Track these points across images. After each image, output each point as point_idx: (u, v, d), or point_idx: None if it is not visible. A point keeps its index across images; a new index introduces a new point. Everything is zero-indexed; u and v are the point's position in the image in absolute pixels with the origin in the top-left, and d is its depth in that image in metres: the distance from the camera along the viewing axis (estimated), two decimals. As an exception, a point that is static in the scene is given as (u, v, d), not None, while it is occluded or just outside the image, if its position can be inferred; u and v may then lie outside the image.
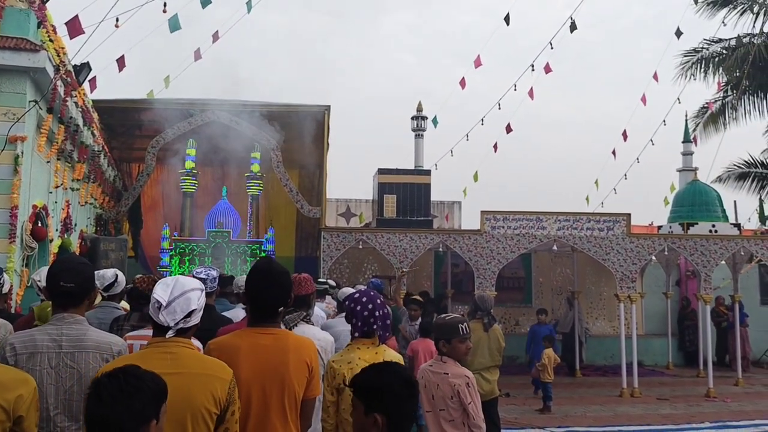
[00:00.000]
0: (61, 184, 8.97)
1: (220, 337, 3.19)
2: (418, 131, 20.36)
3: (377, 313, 3.65)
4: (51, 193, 8.59)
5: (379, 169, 13.98)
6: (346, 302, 3.80)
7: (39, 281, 4.61)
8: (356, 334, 3.70)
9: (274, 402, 2.97)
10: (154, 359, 2.56)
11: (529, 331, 11.57)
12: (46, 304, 3.80)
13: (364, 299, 3.68)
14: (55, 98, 7.69)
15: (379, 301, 3.71)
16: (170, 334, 2.64)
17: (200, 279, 5.21)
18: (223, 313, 5.46)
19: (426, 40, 72.73)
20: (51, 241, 8.39)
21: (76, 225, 10.18)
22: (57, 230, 8.90)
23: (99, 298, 4.75)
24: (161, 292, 2.66)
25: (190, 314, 2.67)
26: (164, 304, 2.64)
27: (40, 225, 7.76)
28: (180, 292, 2.67)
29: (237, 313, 5.34)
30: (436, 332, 4.34)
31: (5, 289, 4.72)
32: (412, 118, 20.48)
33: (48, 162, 8.36)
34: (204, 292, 2.79)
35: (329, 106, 13.07)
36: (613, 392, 11.52)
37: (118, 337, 3.17)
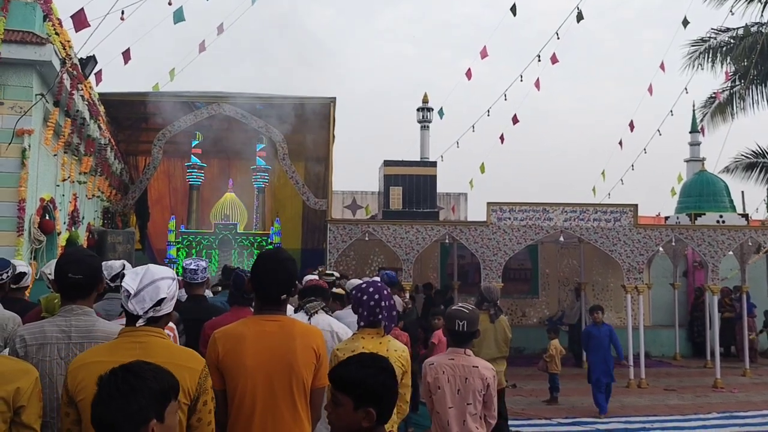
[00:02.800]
0: (68, 177, 9.00)
1: (227, 325, 3.16)
2: (424, 123, 20.32)
3: (383, 304, 3.66)
4: (58, 186, 8.62)
5: (385, 161, 13.98)
6: (353, 292, 3.82)
7: (49, 274, 4.64)
8: (361, 324, 3.71)
9: (282, 390, 2.93)
10: (123, 349, 2.56)
11: (583, 334, 10.13)
12: (53, 296, 3.81)
13: (371, 289, 3.69)
14: (61, 91, 7.71)
15: (385, 291, 3.71)
16: (140, 322, 2.63)
17: (191, 269, 5.22)
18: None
19: (427, 32, 72.58)
20: (59, 234, 8.43)
21: (83, 218, 10.22)
22: (65, 223, 8.94)
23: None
24: (130, 281, 2.65)
25: (159, 303, 2.64)
26: (133, 293, 2.62)
27: (47, 218, 7.79)
28: (149, 281, 2.65)
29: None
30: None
31: (25, 283, 4.82)
32: (418, 110, 20.44)
33: (55, 155, 8.39)
34: (176, 281, 2.76)
35: (334, 98, 13.06)
36: (621, 383, 11.48)
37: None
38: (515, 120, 16.46)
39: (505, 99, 15.89)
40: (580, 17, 14.46)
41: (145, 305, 2.62)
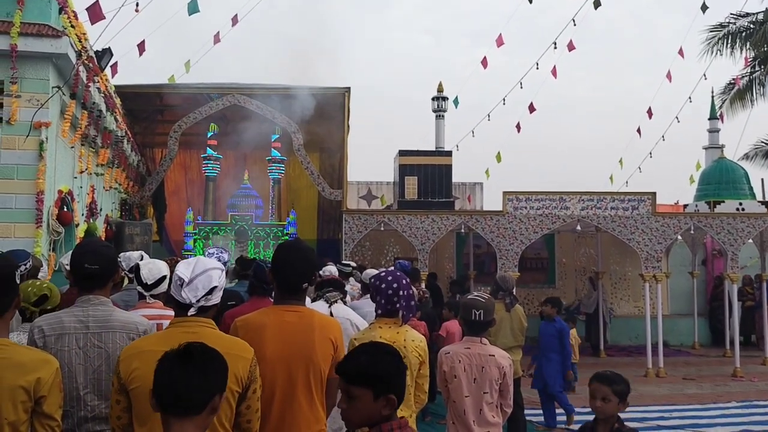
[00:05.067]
0: (86, 169, 9.07)
1: (247, 315, 3.19)
2: (439, 112, 20.23)
3: (401, 293, 3.65)
4: (76, 178, 8.69)
5: (400, 150, 13.94)
6: (371, 280, 3.82)
7: (66, 265, 4.68)
8: (379, 312, 3.70)
9: (300, 380, 2.98)
10: (177, 338, 2.58)
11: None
12: (26, 284, 3.64)
13: (390, 278, 3.68)
14: (77, 84, 7.75)
15: (404, 281, 3.70)
16: (192, 311, 2.67)
17: None
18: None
19: (443, 20, 72.18)
20: (77, 225, 8.50)
21: (101, 210, 10.30)
22: (83, 215, 9.01)
23: (126, 282, 4.81)
24: (184, 269, 2.71)
25: (211, 291, 2.71)
26: (186, 280, 2.68)
27: (65, 210, 7.86)
28: (202, 270, 2.71)
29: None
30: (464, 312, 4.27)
31: (41, 275, 4.86)
32: (433, 99, 20.35)
33: (72, 147, 8.44)
34: (224, 272, 2.82)
35: (349, 87, 13.03)
36: (639, 372, 11.45)
37: (143, 318, 3.20)
38: (532, 108, 16.36)
39: (521, 87, 15.81)
40: (597, 4, 14.31)
41: (198, 293, 2.67)
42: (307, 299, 3.96)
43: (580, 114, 66.00)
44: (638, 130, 17.73)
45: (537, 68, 15.47)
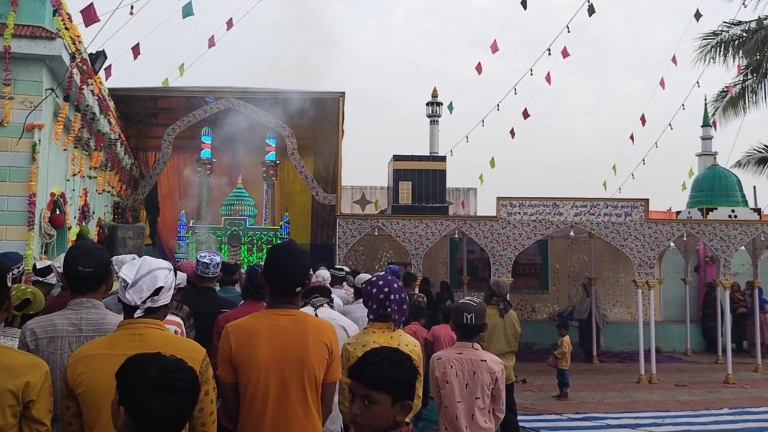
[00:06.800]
0: (79, 172, 9.03)
1: (239, 319, 3.13)
2: (434, 117, 20.27)
3: (392, 297, 3.63)
4: (68, 180, 8.65)
5: (394, 155, 13.93)
6: (363, 285, 3.81)
7: (58, 267, 4.65)
8: (371, 317, 3.68)
9: (294, 384, 2.92)
10: (123, 342, 2.57)
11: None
12: None
13: (381, 283, 3.66)
14: (71, 86, 7.73)
15: (395, 285, 3.68)
16: (138, 313, 2.62)
17: (203, 263, 5.22)
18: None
19: (440, 25, 72.38)
20: (69, 228, 8.46)
21: (93, 213, 10.26)
22: (75, 218, 8.97)
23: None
24: (127, 271, 2.64)
25: (157, 292, 2.64)
26: (130, 282, 2.62)
27: (58, 213, 7.82)
28: (146, 271, 2.64)
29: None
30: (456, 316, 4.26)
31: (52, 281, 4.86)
32: (428, 104, 20.39)
33: (65, 150, 8.41)
34: (172, 272, 2.75)
35: (344, 92, 13.03)
36: (631, 379, 11.47)
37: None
38: (526, 114, 16.40)
39: (515, 93, 15.83)
40: (591, 11, 14.34)
41: (143, 294, 2.61)
42: None
43: (574, 120, 66.24)
44: (631, 137, 17.79)
45: (531, 74, 15.52)
